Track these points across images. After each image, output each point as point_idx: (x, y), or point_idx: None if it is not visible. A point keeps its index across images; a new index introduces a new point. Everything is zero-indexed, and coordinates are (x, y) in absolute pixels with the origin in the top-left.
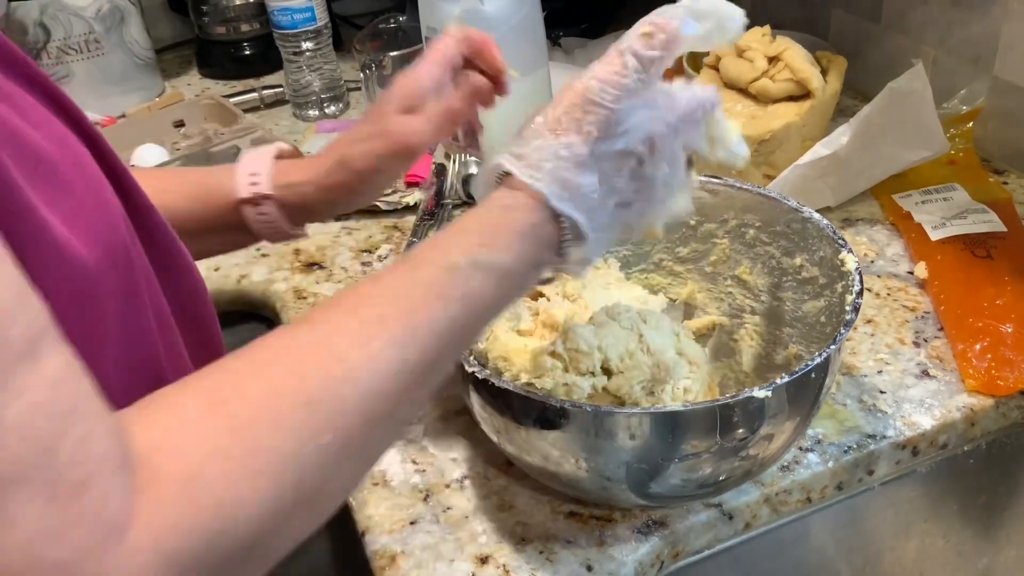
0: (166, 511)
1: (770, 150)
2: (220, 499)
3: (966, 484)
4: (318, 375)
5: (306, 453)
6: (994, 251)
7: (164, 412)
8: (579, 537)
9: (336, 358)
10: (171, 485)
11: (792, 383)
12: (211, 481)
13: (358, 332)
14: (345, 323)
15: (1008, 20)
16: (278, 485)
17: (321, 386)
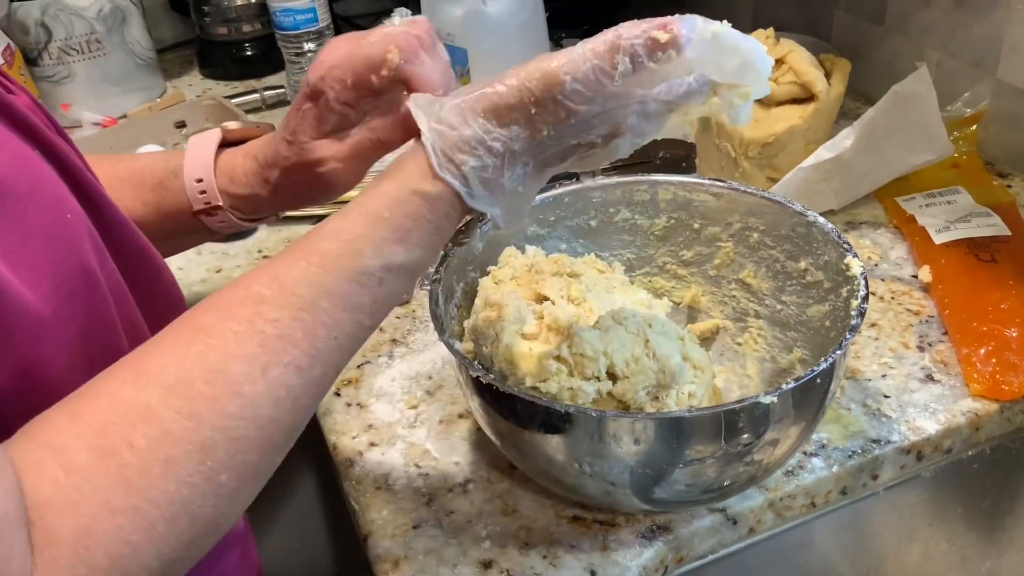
0: (62, 572)
1: (773, 153)
2: (114, 555)
3: (970, 489)
4: (212, 415)
5: (201, 495)
6: (998, 255)
7: (52, 459)
8: (583, 542)
9: (233, 391)
10: (65, 545)
11: (798, 388)
12: (104, 537)
13: (257, 357)
14: (243, 343)
15: (1011, 23)
16: (173, 531)
17: (216, 427)
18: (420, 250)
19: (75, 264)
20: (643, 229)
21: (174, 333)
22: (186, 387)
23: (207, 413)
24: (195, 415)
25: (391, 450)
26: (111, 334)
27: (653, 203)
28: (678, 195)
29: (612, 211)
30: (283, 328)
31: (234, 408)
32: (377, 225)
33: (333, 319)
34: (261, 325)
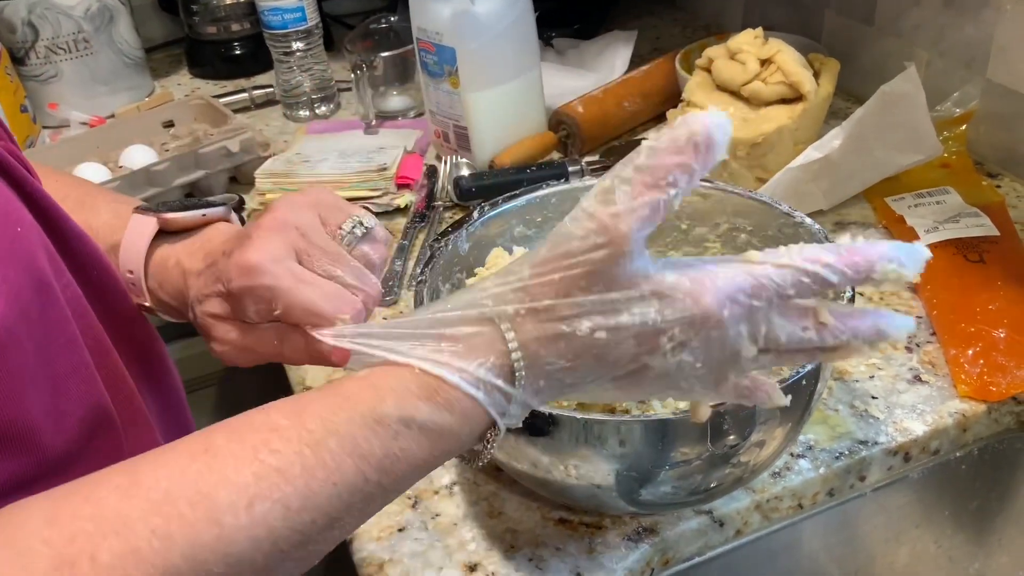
0: None
1: (762, 153)
2: None
3: (958, 490)
4: (185, 542)
5: None
6: (987, 255)
7: (10, 562)
8: (569, 544)
9: (212, 520)
10: None
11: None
12: None
13: (248, 487)
14: (240, 470)
15: (1001, 23)
16: None
17: (186, 555)
18: (447, 415)
19: (28, 279)
20: None
21: (184, 446)
22: (170, 506)
23: (180, 538)
24: (168, 537)
25: None
26: (73, 349)
27: None
28: None
29: None
30: (282, 461)
31: (208, 539)
32: (404, 377)
33: (336, 462)
34: (264, 455)
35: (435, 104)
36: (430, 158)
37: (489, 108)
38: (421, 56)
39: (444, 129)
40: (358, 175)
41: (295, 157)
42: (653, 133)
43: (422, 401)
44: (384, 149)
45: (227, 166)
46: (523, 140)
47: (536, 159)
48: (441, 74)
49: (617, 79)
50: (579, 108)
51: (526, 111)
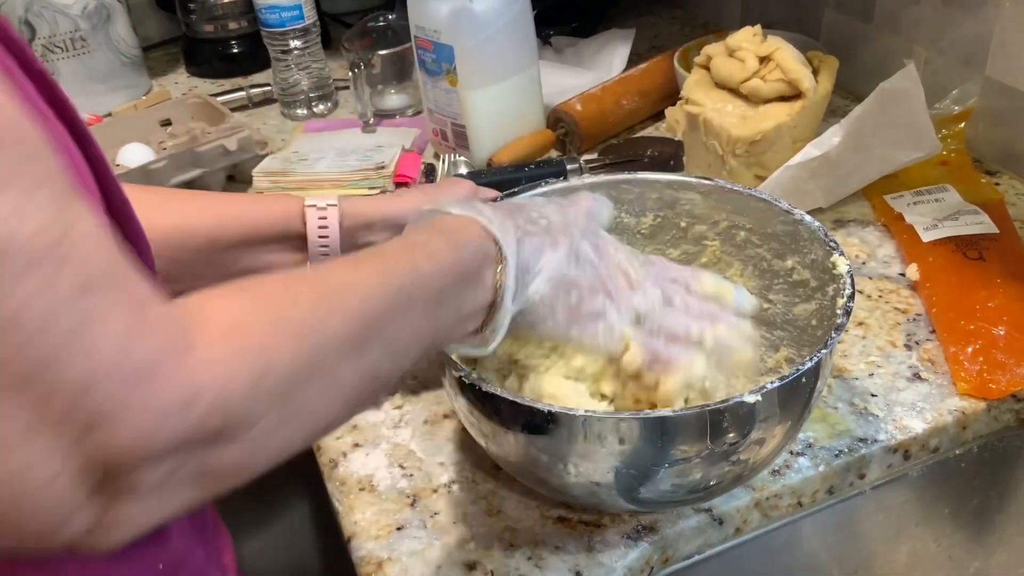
0: (217, 343)
1: (761, 151)
2: (260, 344)
3: (957, 488)
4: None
5: (321, 328)
6: (986, 253)
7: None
8: (568, 543)
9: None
10: (218, 328)
11: (783, 387)
12: (251, 330)
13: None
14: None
15: (1000, 20)
16: (304, 346)
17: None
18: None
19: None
20: (630, 228)
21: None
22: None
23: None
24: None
25: (375, 451)
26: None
27: (640, 201)
28: (664, 194)
29: None
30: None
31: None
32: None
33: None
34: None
35: (433, 102)
36: (428, 156)
37: (487, 106)
38: (419, 54)
39: (442, 127)
40: (356, 173)
41: (293, 155)
42: (652, 130)
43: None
44: (382, 147)
45: (225, 164)
46: (521, 138)
47: (534, 157)
48: (439, 72)
49: (615, 77)
50: (577, 106)
51: (524, 109)
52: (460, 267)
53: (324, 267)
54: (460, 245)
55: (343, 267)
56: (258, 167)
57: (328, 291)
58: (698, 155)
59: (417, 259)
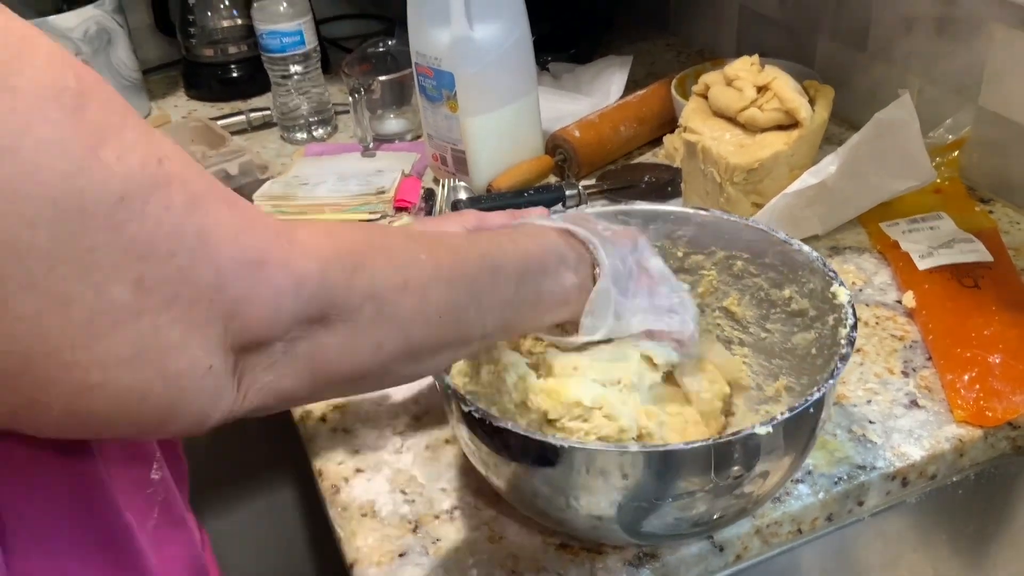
0: (315, 237)
1: (758, 179)
2: (353, 244)
3: (955, 514)
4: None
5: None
6: (981, 281)
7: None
8: (570, 569)
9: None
10: (315, 229)
11: (791, 419)
12: (345, 235)
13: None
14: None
15: (992, 51)
16: (394, 258)
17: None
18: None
19: None
20: None
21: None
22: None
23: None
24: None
25: (377, 476)
26: None
27: None
28: (661, 224)
29: None
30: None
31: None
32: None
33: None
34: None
35: (433, 128)
36: (427, 181)
37: (487, 132)
38: (420, 81)
39: (442, 152)
40: (356, 198)
41: (293, 180)
42: (649, 156)
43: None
44: (382, 172)
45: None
46: (520, 164)
47: (533, 183)
48: (439, 98)
49: (613, 103)
50: (575, 132)
51: (523, 135)
52: (539, 259)
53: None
54: (542, 242)
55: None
56: (259, 191)
57: (416, 235)
58: (696, 182)
59: (502, 241)
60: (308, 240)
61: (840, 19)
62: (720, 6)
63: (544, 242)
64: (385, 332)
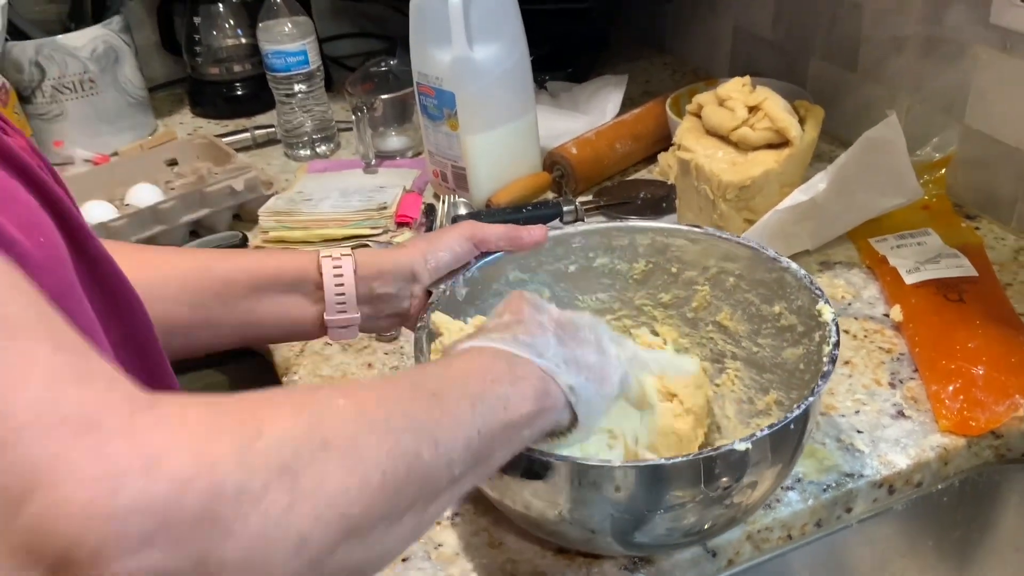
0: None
1: (750, 196)
2: (246, 411)
3: (941, 521)
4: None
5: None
6: (966, 295)
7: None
8: (567, 574)
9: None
10: (188, 398)
11: (773, 434)
12: (233, 403)
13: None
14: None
15: (977, 71)
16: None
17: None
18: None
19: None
20: (622, 273)
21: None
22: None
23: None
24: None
25: None
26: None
27: (632, 248)
28: (656, 240)
29: (592, 256)
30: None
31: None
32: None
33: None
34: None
35: (434, 145)
36: (428, 197)
37: (486, 149)
38: (421, 100)
39: (443, 169)
40: (359, 213)
41: (297, 196)
42: (644, 173)
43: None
44: (384, 188)
45: (231, 204)
46: (519, 180)
47: (531, 199)
48: (440, 117)
49: (609, 122)
50: (572, 149)
51: (522, 152)
52: (483, 368)
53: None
54: (473, 356)
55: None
56: (264, 207)
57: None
58: (690, 199)
59: (426, 368)
60: (177, 408)
61: (831, 40)
62: (714, 26)
63: (477, 355)
64: (314, 514)
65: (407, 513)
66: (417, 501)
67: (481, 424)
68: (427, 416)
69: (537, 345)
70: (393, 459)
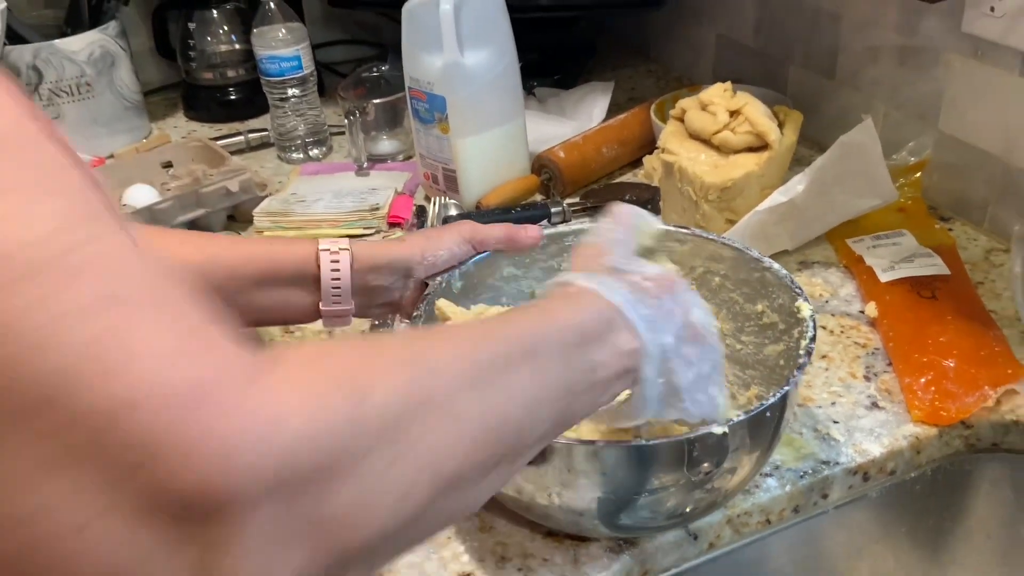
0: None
1: (731, 197)
2: (351, 370)
3: (914, 509)
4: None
5: (419, 361)
6: (939, 292)
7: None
8: (555, 555)
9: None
10: (297, 358)
11: (747, 421)
12: (337, 359)
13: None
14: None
15: (951, 79)
16: (403, 374)
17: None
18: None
19: None
20: None
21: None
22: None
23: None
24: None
25: None
26: None
27: None
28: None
29: None
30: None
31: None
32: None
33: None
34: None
35: (425, 148)
36: (419, 199)
37: (477, 152)
38: (413, 104)
39: (433, 172)
40: (352, 214)
41: (291, 197)
42: (630, 176)
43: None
44: (376, 190)
45: (226, 205)
46: (508, 183)
47: (520, 200)
48: (432, 121)
49: (596, 126)
50: (560, 153)
51: (511, 155)
52: (581, 326)
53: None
54: (580, 308)
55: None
56: (258, 208)
57: (420, 336)
58: (674, 200)
59: (531, 315)
60: (287, 371)
61: (810, 49)
62: (698, 35)
63: (581, 305)
64: (414, 469)
65: (495, 468)
66: (505, 457)
67: (569, 386)
68: (519, 378)
69: (656, 324)
70: (485, 419)
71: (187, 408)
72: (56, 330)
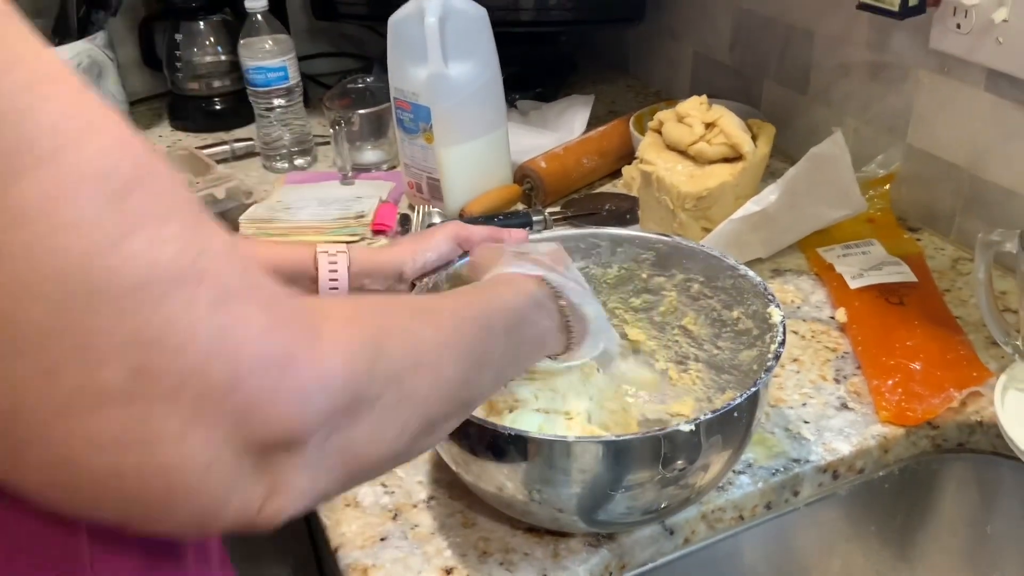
0: (340, 331)
1: (707, 206)
2: (373, 333)
3: (883, 507)
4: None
5: (418, 330)
6: (906, 299)
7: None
8: (536, 550)
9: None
10: (338, 319)
11: (718, 419)
12: (364, 322)
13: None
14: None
15: (919, 94)
16: (408, 340)
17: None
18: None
19: None
20: (596, 277)
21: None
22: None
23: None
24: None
25: None
26: None
27: (606, 255)
28: (628, 248)
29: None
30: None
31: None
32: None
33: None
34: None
35: (410, 157)
36: (403, 207)
37: (460, 162)
38: (398, 114)
39: (418, 181)
40: (337, 222)
41: (277, 204)
42: (610, 186)
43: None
44: (361, 198)
45: (213, 212)
46: (491, 191)
47: (503, 209)
48: (416, 130)
49: (576, 138)
50: (542, 163)
51: (494, 165)
52: (520, 304)
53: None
54: (518, 291)
55: (426, 297)
56: (244, 215)
57: (418, 307)
58: (651, 209)
59: (490, 297)
60: (334, 332)
61: (784, 65)
62: (676, 51)
63: (521, 290)
64: (409, 411)
65: (454, 417)
66: (463, 408)
67: (509, 356)
68: (481, 348)
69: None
70: (457, 378)
71: (282, 371)
72: (195, 332)
